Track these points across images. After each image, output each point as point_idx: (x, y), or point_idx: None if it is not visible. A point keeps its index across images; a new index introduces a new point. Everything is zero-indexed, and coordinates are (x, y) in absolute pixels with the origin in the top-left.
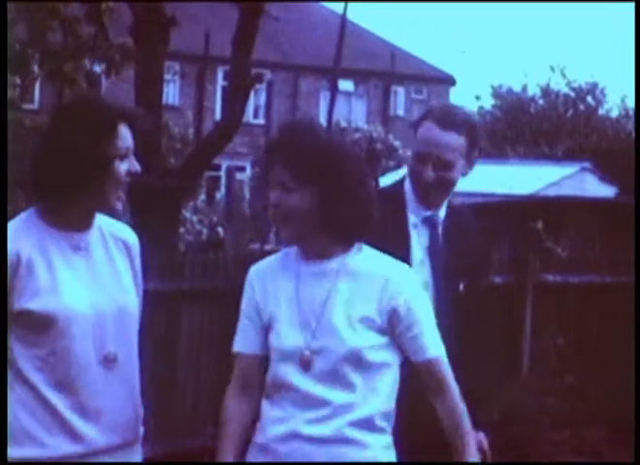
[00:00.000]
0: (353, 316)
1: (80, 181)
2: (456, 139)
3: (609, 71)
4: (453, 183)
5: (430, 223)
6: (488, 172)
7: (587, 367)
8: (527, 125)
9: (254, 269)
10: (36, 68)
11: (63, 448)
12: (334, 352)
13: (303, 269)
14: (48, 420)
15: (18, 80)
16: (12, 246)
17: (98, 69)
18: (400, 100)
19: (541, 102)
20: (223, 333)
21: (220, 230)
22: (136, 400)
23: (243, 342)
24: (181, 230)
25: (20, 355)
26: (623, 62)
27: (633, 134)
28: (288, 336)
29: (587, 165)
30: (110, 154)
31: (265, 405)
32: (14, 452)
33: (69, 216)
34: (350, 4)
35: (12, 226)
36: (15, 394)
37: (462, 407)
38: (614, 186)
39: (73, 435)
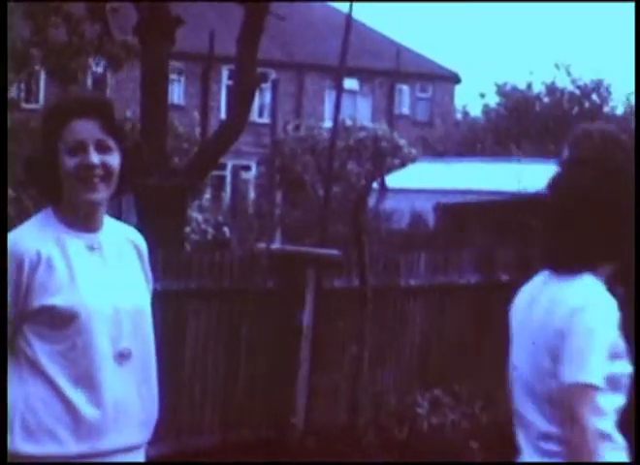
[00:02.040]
0: None
1: (44, 181)
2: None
3: (614, 68)
4: None
5: None
6: (493, 170)
7: None
8: (532, 123)
9: None
10: (38, 66)
11: (80, 446)
12: None
13: None
14: (67, 417)
15: (22, 84)
16: (31, 244)
17: (101, 68)
18: (404, 98)
19: (546, 99)
20: (229, 333)
21: (226, 229)
22: (152, 399)
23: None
24: (187, 229)
25: (40, 351)
26: (627, 59)
27: None
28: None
29: None
30: (54, 149)
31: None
32: (31, 449)
33: (73, 215)
34: (355, 3)
35: (30, 225)
36: (34, 390)
37: None
38: None
39: (90, 433)
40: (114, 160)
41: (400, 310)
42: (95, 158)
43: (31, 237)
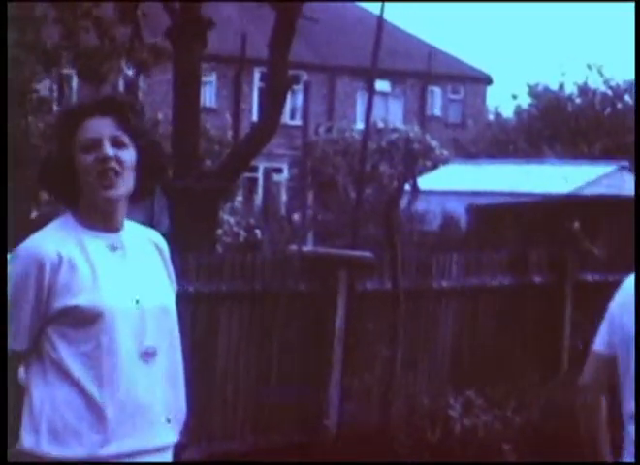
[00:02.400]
0: None
1: (60, 183)
2: None
3: None
4: None
5: None
6: (525, 172)
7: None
8: (564, 124)
9: None
10: (68, 69)
11: (106, 447)
12: None
13: None
14: (93, 418)
15: (55, 86)
16: (52, 247)
17: (132, 71)
18: (436, 100)
19: (578, 100)
20: (261, 334)
21: (258, 231)
22: (179, 397)
23: None
24: (219, 231)
25: (65, 352)
26: None
27: None
28: None
29: (625, 164)
30: (69, 149)
31: None
32: (58, 451)
33: (92, 216)
34: (386, 4)
35: (50, 228)
36: (60, 393)
37: None
38: None
39: (116, 433)
40: (128, 155)
41: (433, 312)
42: (110, 150)
43: (51, 240)
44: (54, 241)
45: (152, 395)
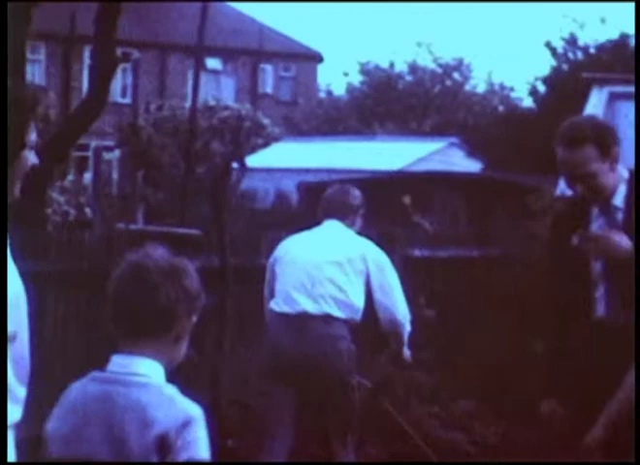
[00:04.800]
0: None
1: None
2: (584, 153)
3: (474, 47)
4: (599, 185)
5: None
6: (357, 149)
7: (455, 340)
8: (395, 101)
9: None
10: None
11: None
12: None
13: None
14: None
15: None
16: None
17: None
18: (268, 77)
19: (409, 78)
20: (89, 315)
21: (88, 210)
22: (25, 377)
23: None
24: (48, 210)
25: None
26: (487, 38)
27: (499, 108)
28: None
29: (454, 140)
30: (26, 142)
31: None
32: None
33: None
34: None
35: None
36: None
37: None
38: (480, 161)
39: None
40: None
41: (261, 289)
42: None
43: None
44: None
45: (11, 377)
